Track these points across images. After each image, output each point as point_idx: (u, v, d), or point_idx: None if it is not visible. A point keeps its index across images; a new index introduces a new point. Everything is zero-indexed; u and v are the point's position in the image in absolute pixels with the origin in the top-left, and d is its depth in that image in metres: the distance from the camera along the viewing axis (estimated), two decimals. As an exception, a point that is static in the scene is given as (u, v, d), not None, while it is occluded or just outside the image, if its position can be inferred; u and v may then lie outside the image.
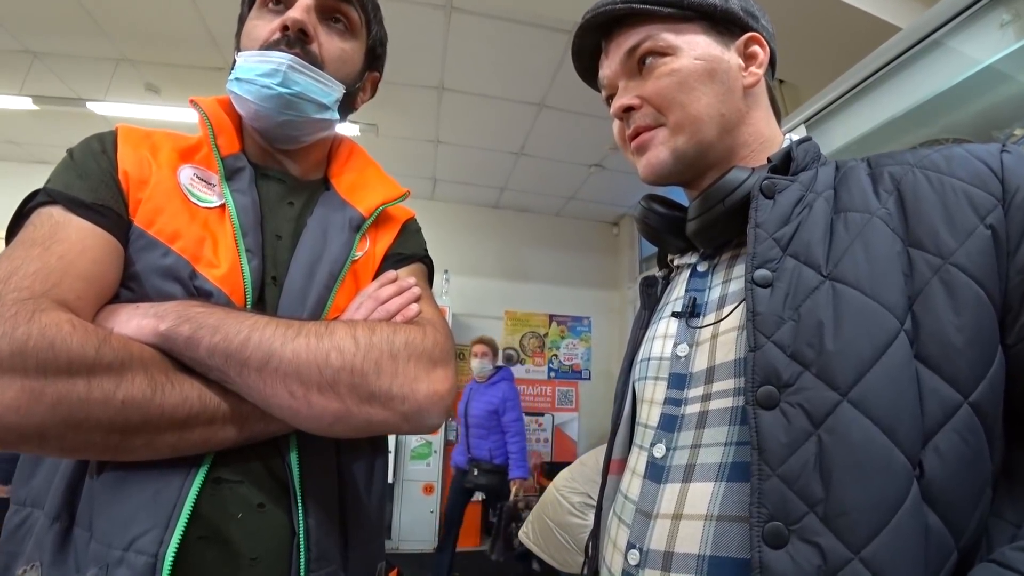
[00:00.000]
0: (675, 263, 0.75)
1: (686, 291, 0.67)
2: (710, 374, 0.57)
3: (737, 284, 0.59)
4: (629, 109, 0.65)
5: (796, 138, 0.63)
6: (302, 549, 0.57)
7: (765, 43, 0.65)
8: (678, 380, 0.60)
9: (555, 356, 5.24)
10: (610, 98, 0.69)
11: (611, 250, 5.57)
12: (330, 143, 0.82)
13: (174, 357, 0.54)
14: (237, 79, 0.68)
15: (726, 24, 0.64)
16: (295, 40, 0.68)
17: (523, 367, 5.14)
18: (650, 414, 0.63)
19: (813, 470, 0.43)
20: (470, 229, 5.22)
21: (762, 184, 0.56)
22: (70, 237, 0.56)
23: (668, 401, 0.61)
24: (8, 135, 4.08)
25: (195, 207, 0.65)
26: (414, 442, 4.54)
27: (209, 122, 0.68)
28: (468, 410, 3.57)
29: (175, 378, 0.53)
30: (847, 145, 1.55)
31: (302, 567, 0.57)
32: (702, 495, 0.51)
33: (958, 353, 0.44)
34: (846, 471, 0.42)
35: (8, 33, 2.88)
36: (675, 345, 0.63)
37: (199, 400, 0.54)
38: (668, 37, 0.62)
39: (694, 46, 0.62)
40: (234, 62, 0.70)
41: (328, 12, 0.72)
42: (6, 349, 0.45)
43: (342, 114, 0.76)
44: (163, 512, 0.52)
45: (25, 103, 3.19)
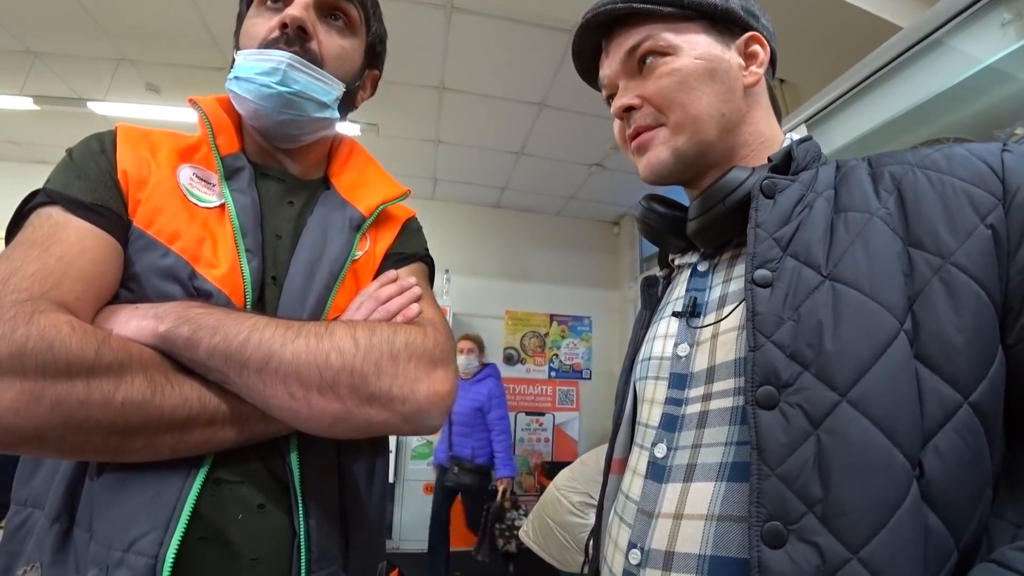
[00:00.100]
0: (676, 263, 0.75)
1: (687, 291, 0.67)
2: (710, 374, 0.57)
3: (737, 284, 0.59)
4: (630, 109, 0.65)
5: (797, 137, 0.63)
6: (303, 550, 0.57)
7: (765, 42, 0.65)
8: (679, 380, 0.60)
9: (556, 356, 5.23)
10: (610, 98, 0.69)
11: (612, 250, 5.56)
12: (330, 142, 0.82)
13: (174, 358, 0.54)
14: (236, 78, 0.67)
15: (726, 23, 0.64)
16: (294, 38, 0.67)
17: (524, 367, 5.14)
18: (651, 414, 0.63)
19: (812, 470, 0.43)
20: (471, 229, 5.22)
21: (762, 184, 0.56)
22: (69, 238, 0.56)
23: (669, 401, 0.61)
24: (9, 135, 4.08)
25: (194, 207, 0.65)
26: (415, 442, 4.54)
27: (208, 121, 0.68)
28: (452, 407, 3.51)
29: (175, 379, 0.53)
30: (848, 144, 1.55)
31: (303, 568, 0.57)
32: (703, 495, 0.51)
33: (958, 353, 0.43)
34: (845, 471, 0.42)
35: (9, 33, 2.88)
36: (676, 345, 0.63)
37: (199, 401, 0.53)
38: (668, 37, 0.62)
39: (694, 45, 0.62)
40: (233, 61, 0.70)
41: (327, 9, 0.71)
42: (5, 351, 0.45)
43: (342, 112, 0.75)
44: (163, 513, 0.52)
45: (26, 103, 3.19)
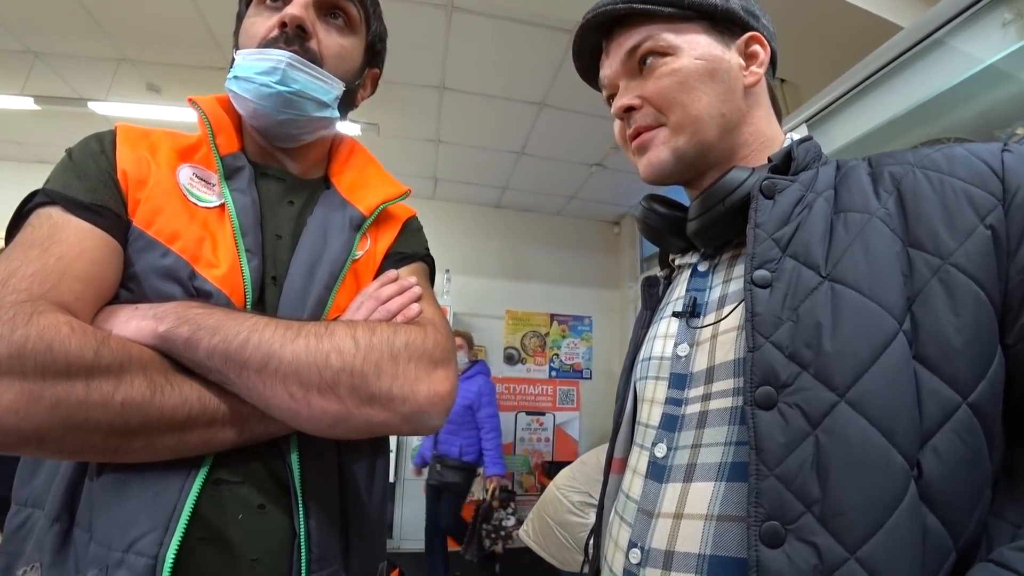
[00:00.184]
0: (676, 263, 0.75)
1: (687, 291, 0.67)
2: (710, 374, 0.57)
3: (737, 284, 0.59)
4: (630, 109, 0.65)
5: (797, 137, 0.63)
6: (303, 550, 0.57)
7: (766, 42, 0.65)
8: (679, 380, 0.60)
9: (556, 355, 5.23)
10: (611, 98, 0.69)
11: (612, 249, 5.56)
12: (330, 141, 0.82)
13: (173, 359, 0.54)
14: (236, 77, 0.67)
15: (727, 24, 0.64)
16: (293, 37, 0.67)
17: (524, 366, 5.14)
18: (651, 414, 0.63)
19: (810, 470, 0.43)
20: (471, 229, 5.22)
21: (762, 184, 0.56)
22: (69, 238, 0.55)
23: (669, 401, 0.61)
24: (10, 135, 4.08)
25: (194, 207, 0.64)
26: (415, 441, 4.53)
27: (208, 121, 0.68)
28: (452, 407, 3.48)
29: (174, 380, 0.53)
30: (849, 144, 1.55)
31: (303, 568, 0.57)
32: (702, 495, 0.51)
33: (957, 353, 0.43)
34: (843, 471, 0.42)
35: (10, 33, 2.89)
36: (676, 345, 0.63)
37: (198, 402, 0.53)
38: (669, 37, 0.62)
39: (695, 46, 0.62)
40: (233, 60, 0.70)
41: (327, 8, 0.71)
42: (4, 352, 0.45)
43: (342, 111, 0.75)
44: (163, 513, 0.52)
45: (27, 103, 3.19)
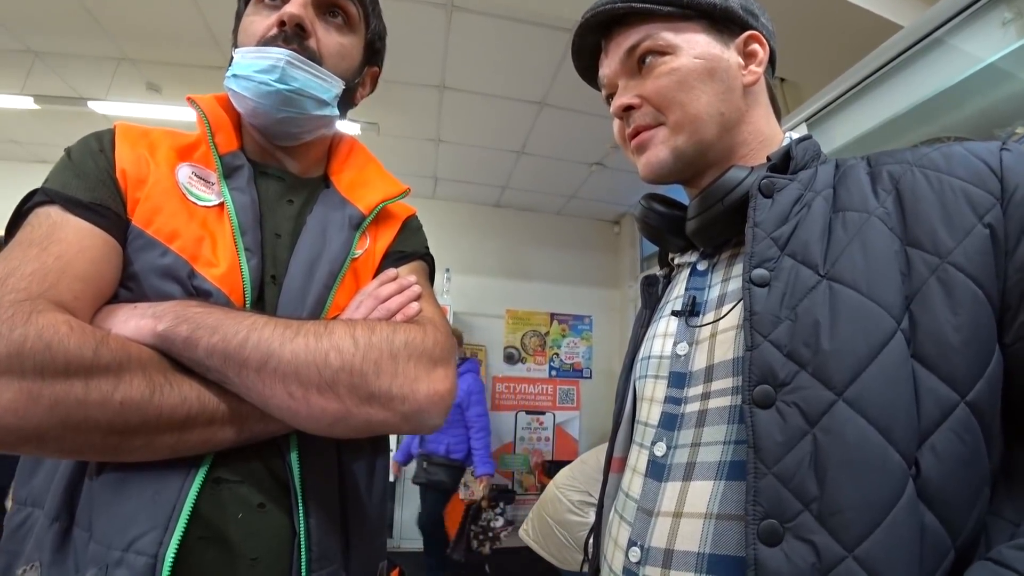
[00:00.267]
0: (676, 262, 0.75)
1: (686, 290, 0.67)
2: (709, 373, 0.57)
3: (736, 283, 0.59)
4: (629, 108, 0.65)
5: (796, 136, 0.63)
6: (303, 549, 0.57)
7: (765, 41, 0.65)
8: (678, 379, 0.60)
9: (556, 355, 5.23)
10: (610, 97, 0.69)
11: (612, 249, 5.56)
12: (330, 140, 0.82)
13: (173, 358, 0.54)
14: (234, 76, 0.67)
15: (726, 22, 0.64)
16: (292, 36, 0.67)
17: (524, 366, 5.14)
18: (650, 412, 0.63)
19: (808, 468, 0.43)
20: (471, 228, 5.21)
21: (761, 183, 0.56)
22: (68, 237, 0.55)
23: (668, 400, 0.61)
24: (10, 134, 4.07)
25: (193, 206, 0.64)
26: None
27: (207, 120, 0.68)
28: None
29: (173, 379, 0.53)
30: (849, 143, 1.55)
31: (303, 567, 0.57)
32: (702, 493, 0.51)
33: (955, 352, 0.43)
34: (841, 470, 0.42)
35: (9, 33, 2.88)
36: (675, 344, 0.63)
37: (198, 401, 0.53)
38: (668, 36, 0.62)
39: (694, 45, 0.62)
40: (232, 59, 0.69)
41: (326, 6, 0.71)
42: (3, 351, 0.45)
43: (342, 110, 0.75)
44: (163, 513, 0.52)
45: (27, 102, 3.19)
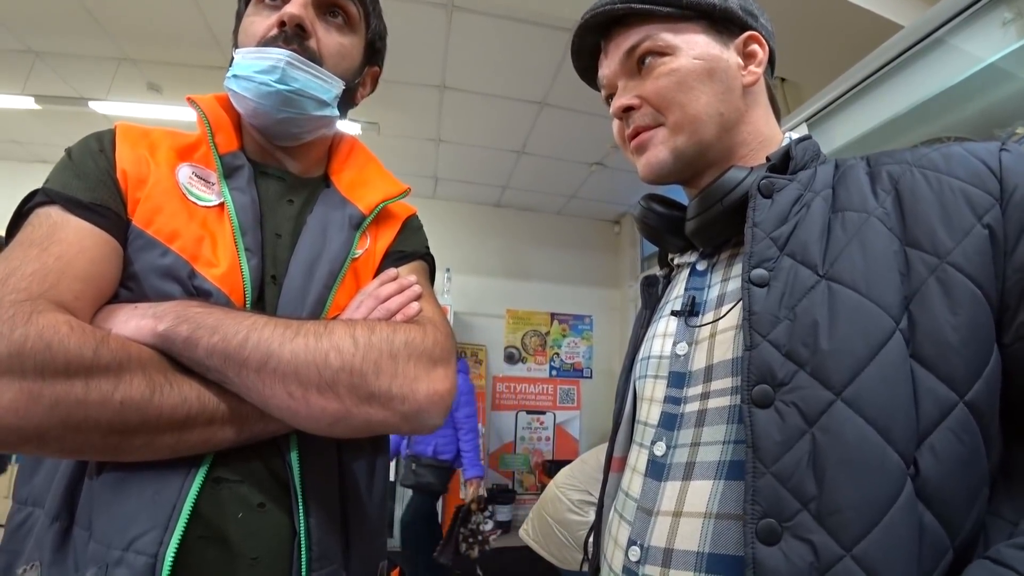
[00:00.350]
0: (675, 262, 0.75)
1: (685, 290, 0.67)
2: (708, 372, 0.57)
3: (735, 283, 0.59)
4: (629, 109, 0.65)
5: (795, 136, 0.63)
6: (303, 549, 0.57)
7: (764, 42, 0.64)
8: (677, 378, 0.61)
9: (557, 355, 5.23)
10: (610, 98, 0.69)
11: (612, 248, 5.56)
12: (330, 140, 0.82)
13: (173, 358, 0.54)
14: (235, 76, 0.67)
15: (725, 23, 0.64)
16: (292, 36, 0.67)
17: (524, 365, 5.14)
18: (650, 412, 0.63)
19: (806, 468, 0.43)
20: (472, 228, 5.22)
21: (760, 183, 0.56)
22: (68, 237, 0.55)
23: (668, 399, 0.61)
24: (10, 134, 4.09)
25: (194, 206, 0.64)
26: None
27: (207, 120, 0.68)
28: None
29: (174, 379, 0.53)
30: (849, 143, 1.55)
31: (303, 566, 0.57)
32: (701, 493, 0.51)
33: (954, 352, 0.43)
34: (839, 469, 0.42)
35: (10, 32, 2.89)
36: (675, 344, 0.63)
37: (198, 401, 0.53)
38: (667, 37, 0.62)
39: (693, 45, 0.62)
40: (232, 59, 0.70)
41: (326, 7, 0.71)
42: (4, 351, 0.45)
43: (342, 110, 0.75)
44: (163, 512, 0.52)
45: (27, 102, 3.20)
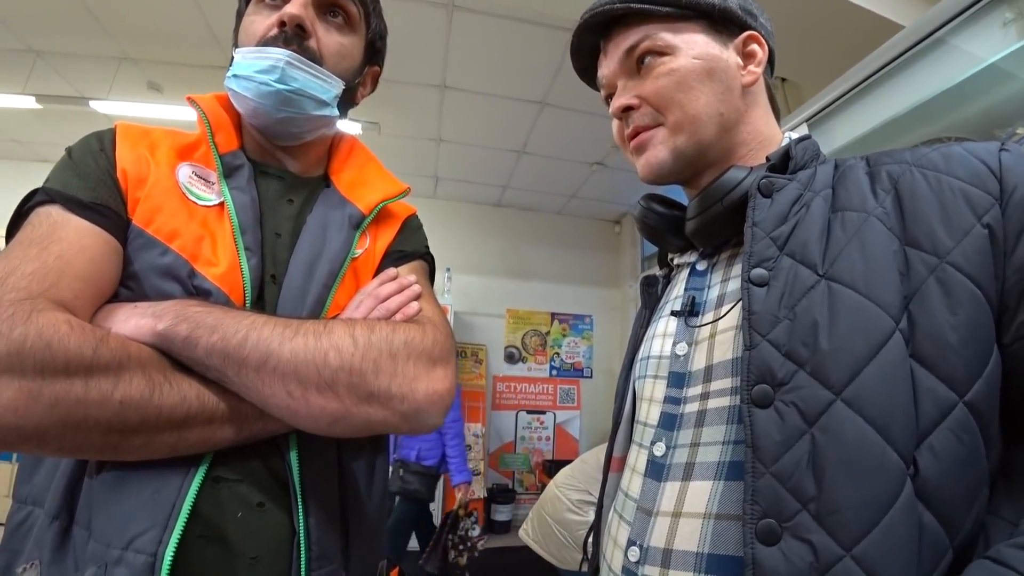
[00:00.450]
0: (675, 262, 0.75)
1: (685, 290, 0.67)
2: (708, 373, 0.57)
3: (735, 283, 0.59)
4: (628, 109, 0.65)
5: (795, 136, 0.63)
6: (302, 548, 0.57)
7: (764, 41, 0.64)
8: (677, 379, 0.61)
9: (557, 354, 5.23)
10: (609, 97, 0.69)
11: (613, 248, 5.56)
12: (330, 139, 0.82)
13: (172, 357, 0.54)
14: (235, 76, 0.67)
15: (724, 23, 0.64)
16: (292, 36, 0.67)
17: (525, 365, 5.14)
18: (650, 412, 0.63)
19: (806, 468, 0.43)
20: (472, 227, 5.22)
21: (760, 183, 0.56)
22: (68, 236, 0.56)
23: (668, 400, 0.61)
24: (11, 134, 4.09)
25: (193, 205, 0.65)
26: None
27: (207, 120, 0.68)
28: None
29: (173, 378, 0.53)
30: (850, 143, 1.55)
31: (302, 566, 0.57)
32: (701, 493, 0.51)
33: (954, 352, 0.43)
34: (839, 469, 0.42)
35: (11, 32, 2.89)
36: (674, 344, 0.63)
37: (197, 400, 0.53)
38: (666, 36, 0.62)
39: (692, 45, 0.62)
40: (232, 59, 0.70)
41: (326, 6, 0.71)
42: (3, 350, 0.45)
43: (342, 109, 0.75)
44: (162, 511, 0.52)
45: (28, 102, 3.20)
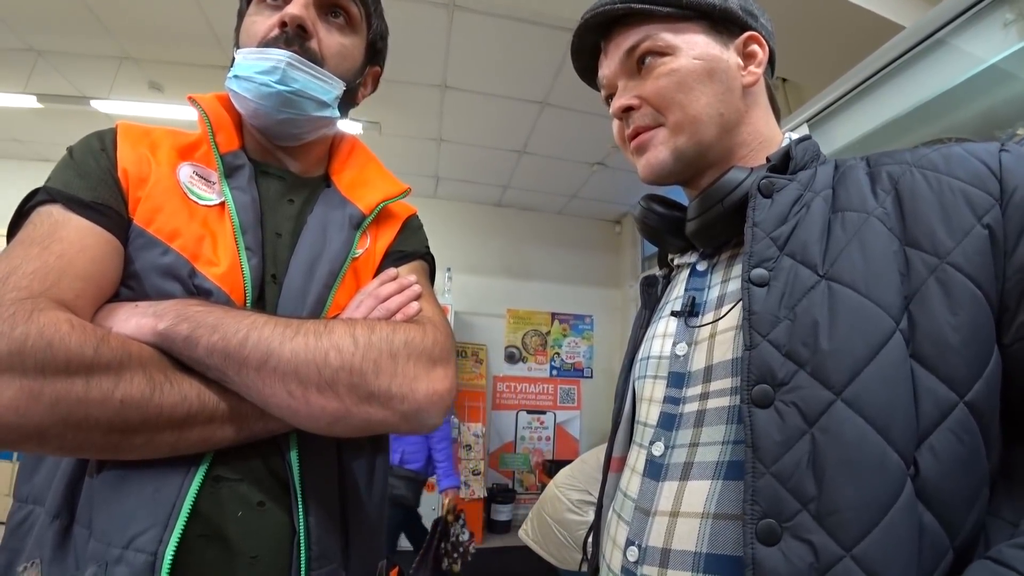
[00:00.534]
0: (675, 262, 0.75)
1: (685, 290, 0.67)
2: (708, 373, 0.57)
3: (735, 283, 0.59)
4: (628, 109, 0.65)
5: (795, 137, 0.63)
6: (302, 547, 0.57)
7: (764, 42, 0.64)
8: (677, 379, 0.61)
9: (557, 354, 5.23)
10: (609, 98, 0.69)
11: (613, 248, 5.56)
12: (331, 139, 0.82)
13: (173, 356, 0.54)
14: (236, 76, 0.67)
15: (725, 23, 0.64)
16: (294, 37, 0.67)
17: (525, 365, 5.15)
18: (649, 412, 0.63)
19: (806, 468, 0.43)
20: (473, 227, 5.22)
21: (760, 183, 0.56)
22: (69, 236, 0.56)
23: (667, 400, 0.61)
24: (12, 133, 4.09)
25: (194, 205, 0.65)
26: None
27: (208, 119, 0.68)
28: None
29: (174, 377, 0.53)
30: (850, 144, 1.55)
31: (302, 565, 0.57)
32: (699, 493, 0.52)
33: (954, 352, 0.43)
34: (839, 469, 0.42)
35: (12, 31, 2.89)
36: (674, 344, 0.63)
37: (198, 399, 0.53)
38: (667, 37, 0.62)
39: (693, 46, 0.62)
40: (233, 59, 0.70)
41: (327, 7, 0.71)
42: (4, 349, 0.45)
43: (343, 110, 0.75)
44: (163, 510, 0.52)
45: (29, 101, 3.20)
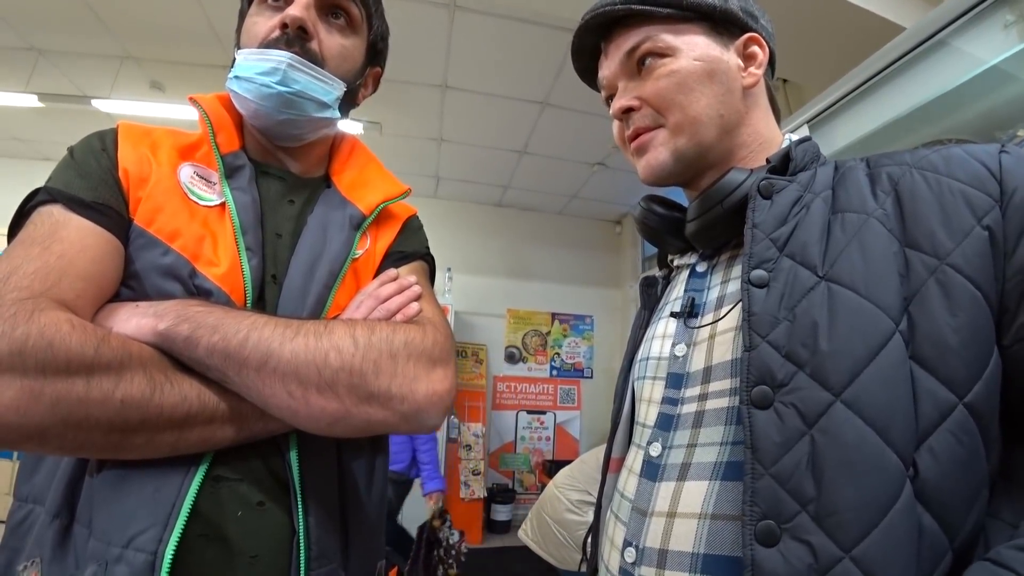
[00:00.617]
0: (675, 263, 0.75)
1: (685, 291, 0.67)
2: (707, 374, 0.57)
3: (735, 284, 0.59)
4: (629, 110, 0.65)
5: (795, 138, 0.63)
6: (302, 547, 0.58)
7: (764, 43, 0.64)
8: (676, 380, 0.61)
9: (557, 354, 5.23)
10: (610, 98, 0.69)
11: (614, 248, 5.56)
12: (331, 140, 0.82)
13: (173, 356, 0.54)
14: (236, 77, 0.67)
15: (725, 24, 0.64)
16: (294, 38, 0.67)
17: (525, 365, 5.15)
18: (648, 413, 0.63)
19: (806, 469, 0.43)
20: (473, 227, 5.22)
21: (760, 185, 0.56)
22: (70, 236, 0.56)
23: (666, 400, 0.61)
24: (13, 132, 4.09)
25: (195, 205, 0.65)
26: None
27: (208, 120, 0.68)
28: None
29: (174, 377, 0.53)
30: (851, 145, 1.55)
31: (302, 565, 0.57)
32: (697, 493, 0.52)
33: (953, 354, 0.44)
34: (838, 471, 0.42)
35: (13, 30, 2.89)
36: (673, 345, 0.63)
37: (198, 399, 0.54)
38: (667, 38, 0.62)
39: (693, 47, 0.62)
40: (234, 60, 0.70)
41: (328, 8, 0.71)
42: (5, 349, 0.45)
43: (343, 110, 0.75)
44: (162, 510, 0.52)
45: (30, 100, 3.20)
